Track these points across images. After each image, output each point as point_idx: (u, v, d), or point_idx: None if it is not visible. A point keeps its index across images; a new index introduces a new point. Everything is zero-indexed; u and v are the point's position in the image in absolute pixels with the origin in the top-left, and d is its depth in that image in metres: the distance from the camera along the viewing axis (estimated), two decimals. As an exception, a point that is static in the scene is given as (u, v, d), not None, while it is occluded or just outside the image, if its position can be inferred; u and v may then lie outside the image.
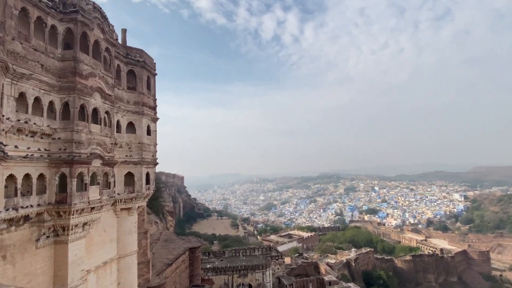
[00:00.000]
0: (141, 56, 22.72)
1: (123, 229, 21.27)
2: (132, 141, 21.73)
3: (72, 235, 15.71)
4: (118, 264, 20.69)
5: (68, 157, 15.40)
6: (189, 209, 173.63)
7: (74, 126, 15.72)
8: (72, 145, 15.57)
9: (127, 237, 21.40)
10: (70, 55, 16.13)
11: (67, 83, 15.81)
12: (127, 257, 21.29)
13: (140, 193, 21.78)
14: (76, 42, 16.23)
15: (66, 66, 15.99)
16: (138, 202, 21.99)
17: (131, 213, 21.65)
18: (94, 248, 18.29)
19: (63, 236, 15.56)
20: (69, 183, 15.31)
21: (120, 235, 21.06)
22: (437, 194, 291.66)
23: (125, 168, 21.18)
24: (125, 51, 21.90)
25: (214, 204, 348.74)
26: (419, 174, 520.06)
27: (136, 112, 22.03)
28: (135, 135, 21.94)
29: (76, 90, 15.80)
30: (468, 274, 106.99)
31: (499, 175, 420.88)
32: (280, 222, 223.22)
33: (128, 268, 21.29)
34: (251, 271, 51.88)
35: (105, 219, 19.15)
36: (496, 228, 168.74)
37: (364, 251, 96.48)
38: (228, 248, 67.21)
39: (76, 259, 16.01)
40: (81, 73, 16.19)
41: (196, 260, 40.36)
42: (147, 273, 24.28)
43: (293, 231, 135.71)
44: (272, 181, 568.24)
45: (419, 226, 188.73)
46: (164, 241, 43.28)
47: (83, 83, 16.24)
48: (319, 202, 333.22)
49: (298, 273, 67.00)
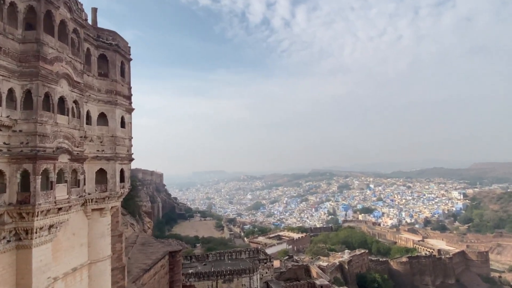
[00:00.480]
0: (114, 39, 22.23)
1: (95, 232, 21.00)
2: (104, 134, 21.38)
3: (36, 239, 15.41)
4: (89, 271, 20.45)
5: (31, 152, 15.03)
6: (169, 209, 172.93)
7: (37, 117, 15.34)
8: (36, 139, 15.20)
9: (99, 241, 21.16)
10: (32, 37, 15.65)
11: (29, 69, 15.37)
12: (100, 263, 21.06)
13: (113, 192, 21.51)
14: (39, 22, 15.73)
15: (28, 49, 15.53)
16: (111, 202, 21.72)
17: (103, 214, 21.38)
18: (62, 253, 18.01)
19: (26, 240, 15.24)
20: (33, 181, 14.97)
21: (91, 239, 20.79)
22: (435, 191, 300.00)
23: (97, 164, 20.85)
24: (95, 33, 21.38)
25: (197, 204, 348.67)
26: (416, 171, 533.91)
27: (108, 101, 21.63)
28: (107, 127, 21.59)
29: (39, 76, 15.39)
30: (466, 276, 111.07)
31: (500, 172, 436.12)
32: (269, 223, 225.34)
33: (100, 275, 21.08)
34: (237, 275, 52.24)
35: (74, 221, 18.86)
36: (496, 228, 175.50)
37: (358, 252, 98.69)
38: (212, 252, 67.39)
39: (42, 265, 15.72)
40: (45, 57, 15.76)
41: (177, 265, 40.33)
42: (122, 280, 24.09)
43: (283, 232, 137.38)
44: (260, 179, 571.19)
45: (416, 226, 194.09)
46: (141, 244, 43.01)
47: (47, 68, 15.82)
48: (310, 201, 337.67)
49: (288, 277, 67.93)
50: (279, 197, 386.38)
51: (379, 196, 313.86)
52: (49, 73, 15.89)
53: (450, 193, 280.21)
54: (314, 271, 74.28)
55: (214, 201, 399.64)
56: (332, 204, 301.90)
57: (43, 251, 15.87)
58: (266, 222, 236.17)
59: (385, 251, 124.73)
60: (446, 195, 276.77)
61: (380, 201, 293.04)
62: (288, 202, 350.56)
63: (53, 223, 16.21)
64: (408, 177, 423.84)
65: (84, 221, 20.40)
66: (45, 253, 16.06)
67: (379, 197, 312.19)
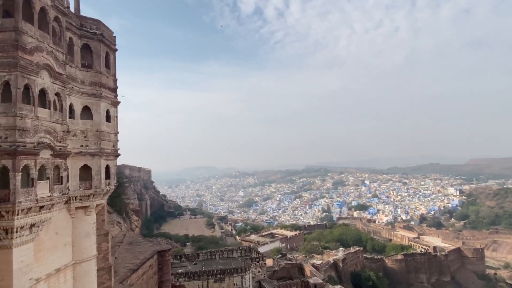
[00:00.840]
0: (98, 28, 21.88)
1: (79, 231, 20.82)
2: (88, 128, 21.12)
3: (17, 238, 15.22)
4: (74, 271, 20.30)
5: (10, 147, 14.77)
6: (158, 207, 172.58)
7: (17, 110, 15.05)
8: (15, 133, 14.93)
9: (84, 240, 20.99)
10: (10, 25, 15.28)
11: (7, 59, 15.04)
12: (85, 263, 20.91)
13: (98, 189, 21.32)
14: (18, 9, 15.37)
15: (5, 38, 15.18)
16: (96, 199, 21.53)
17: (88, 212, 21.21)
18: (44, 253, 17.82)
19: (6, 240, 15.03)
20: (12, 177, 14.72)
21: (75, 238, 20.60)
22: (431, 188, 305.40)
23: (81, 160, 20.60)
24: (78, 21, 21.01)
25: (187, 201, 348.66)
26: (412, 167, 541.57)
27: (92, 94, 21.35)
28: (91, 121, 21.33)
29: (18, 67, 15.08)
30: (461, 273, 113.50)
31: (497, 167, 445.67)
32: (262, 221, 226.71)
33: (85, 276, 20.94)
34: (228, 275, 52.53)
35: (57, 219, 18.65)
36: (492, 224, 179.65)
37: (352, 250, 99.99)
38: (202, 250, 67.55)
39: (23, 266, 15.56)
40: (24, 47, 15.44)
41: (166, 264, 40.34)
42: (108, 280, 23.99)
43: (276, 230, 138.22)
44: (252, 175, 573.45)
45: (411, 222, 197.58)
46: (129, 244, 42.86)
47: (27, 59, 15.51)
48: (304, 198, 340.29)
49: (281, 276, 68.56)
50: (272, 194, 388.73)
51: (374, 193, 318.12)
52: (29, 64, 15.58)
53: (446, 189, 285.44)
54: (307, 270, 75.08)
55: (204, 198, 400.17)
56: (327, 201, 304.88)
57: (24, 251, 15.69)
58: (259, 219, 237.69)
59: (380, 248, 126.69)
60: (442, 192, 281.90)
61: (375, 198, 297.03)
62: (282, 199, 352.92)
63: (34, 222, 16.02)
64: (404, 173, 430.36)
65: (67, 220, 20.20)
66: (27, 254, 15.88)
67: (374, 193, 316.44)
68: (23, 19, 15.52)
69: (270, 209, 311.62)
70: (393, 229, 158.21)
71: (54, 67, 17.34)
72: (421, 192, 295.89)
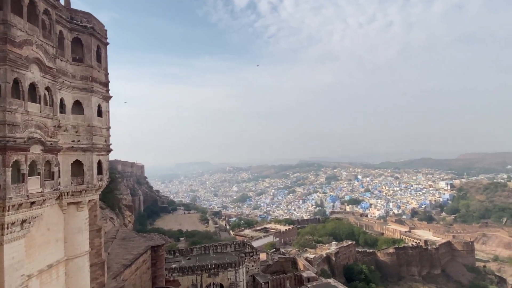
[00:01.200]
0: (89, 22, 21.58)
1: (72, 227, 20.72)
2: (79, 123, 20.94)
3: (8, 235, 15.09)
4: (66, 267, 20.23)
5: (0, 143, 14.56)
6: (151, 202, 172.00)
7: (6, 104, 14.83)
8: (5, 128, 14.73)
9: (76, 236, 20.90)
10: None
11: (-5, 52, 14.75)
12: (77, 259, 20.84)
13: (90, 185, 21.18)
14: (7, 2, 15.07)
15: (-7, 31, 14.87)
16: (88, 195, 21.40)
17: (80, 208, 21.09)
18: (36, 249, 17.75)
19: (-4, 237, 14.89)
20: (2, 173, 14.55)
21: (68, 234, 20.52)
22: (422, 182, 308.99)
23: (72, 156, 20.45)
24: (69, 14, 20.69)
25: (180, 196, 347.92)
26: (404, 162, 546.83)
27: (84, 88, 21.12)
28: (83, 116, 21.14)
29: (7, 60, 14.82)
30: (452, 266, 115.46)
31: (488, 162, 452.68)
32: (256, 215, 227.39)
33: (78, 271, 20.88)
34: (222, 269, 52.73)
35: (49, 215, 18.55)
36: (482, 218, 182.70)
37: (345, 244, 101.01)
38: (196, 245, 67.61)
39: (14, 262, 15.44)
40: (13, 40, 15.17)
41: (160, 259, 40.35)
42: (101, 276, 23.91)
43: (270, 225, 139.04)
44: (246, 170, 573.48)
45: (403, 216, 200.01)
46: (122, 239, 42.72)
47: (16, 52, 15.25)
48: (298, 193, 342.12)
49: (275, 270, 69.05)
50: (265, 189, 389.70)
51: (366, 187, 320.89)
52: (18, 58, 15.33)
53: (437, 183, 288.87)
54: (301, 264, 75.70)
55: (198, 193, 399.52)
56: (320, 196, 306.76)
57: (15, 248, 15.58)
58: (253, 214, 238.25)
59: (372, 242, 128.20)
60: (433, 186, 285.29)
61: (367, 192, 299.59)
62: (275, 194, 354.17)
63: (25, 218, 15.89)
64: (396, 168, 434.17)
65: (59, 216, 20.08)
66: (18, 250, 15.77)
67: (366, 188, 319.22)
68: (12, 11, 15.22)
69: (264, 204, 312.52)
70: (385, 223, 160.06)
71: (44, 61, 17.09)
72: (413, 186, 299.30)
